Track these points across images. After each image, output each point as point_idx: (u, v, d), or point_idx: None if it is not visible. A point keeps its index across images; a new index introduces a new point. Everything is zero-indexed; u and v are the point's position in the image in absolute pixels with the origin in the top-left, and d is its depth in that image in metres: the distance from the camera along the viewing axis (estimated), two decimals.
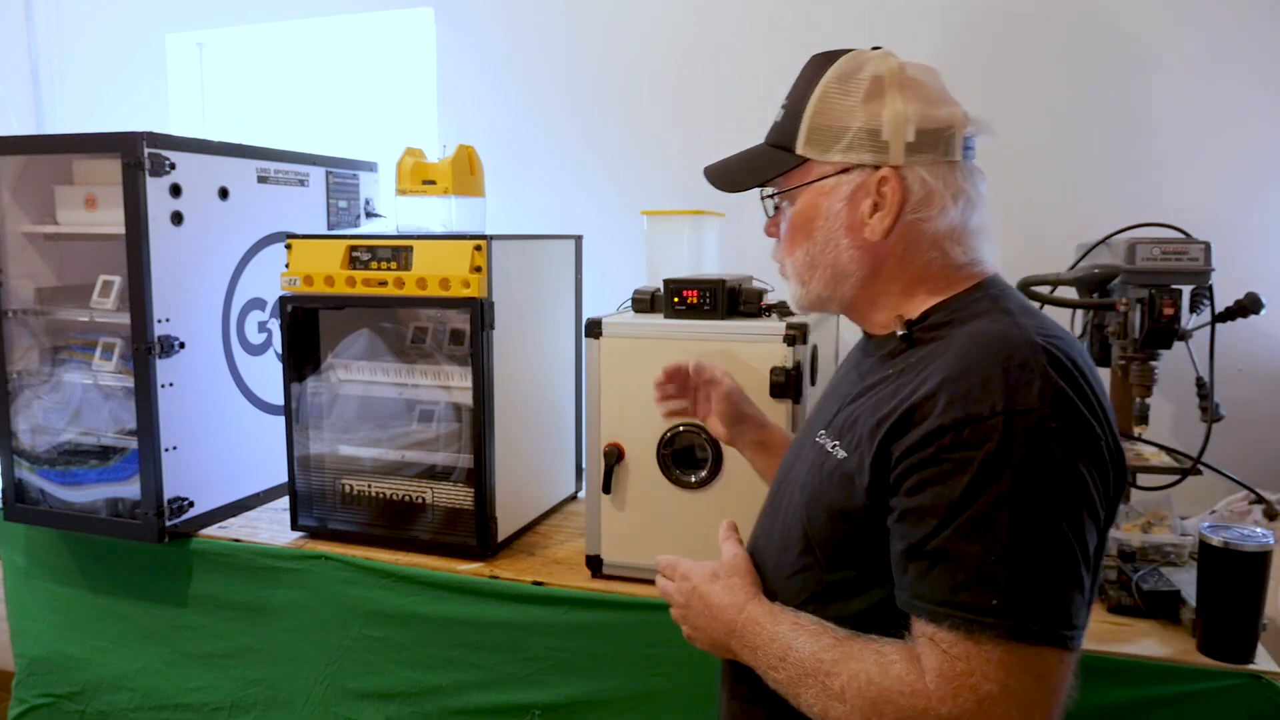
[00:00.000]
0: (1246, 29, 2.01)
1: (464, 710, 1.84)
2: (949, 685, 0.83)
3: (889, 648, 0.89)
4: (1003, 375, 0.85)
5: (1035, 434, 0.82)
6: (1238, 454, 1.84)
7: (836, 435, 1.00)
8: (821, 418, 1.09)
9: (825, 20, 2.25)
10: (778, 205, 1.08)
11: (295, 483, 2.02)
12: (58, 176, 2.18)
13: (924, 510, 0.86)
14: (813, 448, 1.04)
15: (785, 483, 1.11)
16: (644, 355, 1.70)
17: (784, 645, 0.95)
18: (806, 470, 1.04)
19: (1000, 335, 0.89)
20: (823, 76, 1.01)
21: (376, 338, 2.08)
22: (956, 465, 0.84)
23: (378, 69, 2.86)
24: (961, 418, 0.84)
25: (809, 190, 1.03)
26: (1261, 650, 1.42)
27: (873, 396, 0.98)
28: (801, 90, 1.04)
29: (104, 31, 3.02)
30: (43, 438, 2.19)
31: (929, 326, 0.98)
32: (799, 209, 1.04)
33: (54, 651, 2.24)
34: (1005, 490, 0.82)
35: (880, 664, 0.88)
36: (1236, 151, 2.04)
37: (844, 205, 1.00)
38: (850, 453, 0.96)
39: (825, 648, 0.92)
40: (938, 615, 0.84)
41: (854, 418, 0.98)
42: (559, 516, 2.19)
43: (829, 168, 1.01)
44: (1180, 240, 1.62)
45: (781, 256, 1.09)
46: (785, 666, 0.94)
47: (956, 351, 0.90)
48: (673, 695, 1.70)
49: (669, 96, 2.43)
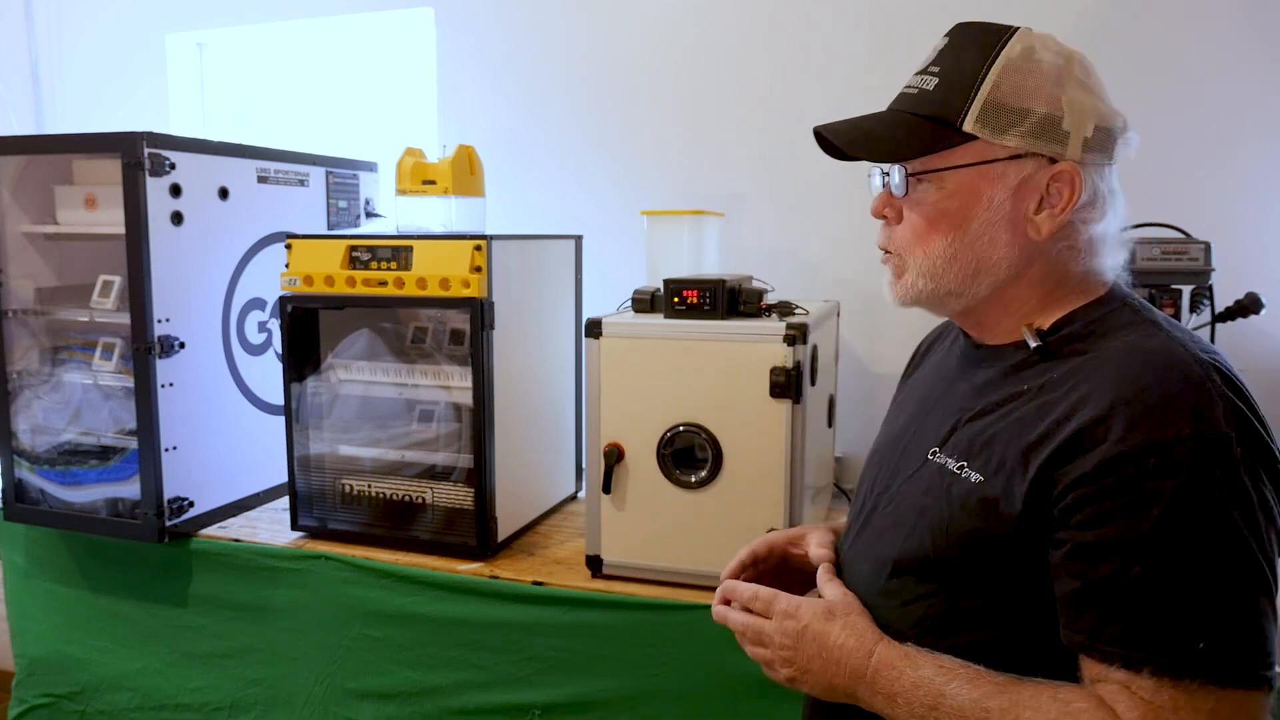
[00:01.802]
0: (1246, 29, 2.01)
1: (464, 710, 1.84)
2: None
3: (1069, 694, 0.80)
4: (1182, 397, 0.79)
5: (1225, 460, 0.77)
6: None
7: (964, 456, 0.91)
8: (929, 432, 0.99)
9: (825, 20, 2.25)
10: (909, 185, 0.94)
11: (295, 483, 2.02)
12: (58, 176, 2.18)
13: (1108, 545, 0.78)
14: (928, 467, 0.96)
15: (888, 501, 1.00)
16: (644, 355, 1.70)
17: (933, 692, 0.84)
18: (922, 492, 0.95)
19: (1165, 352, 0.83)
20: (1000, 49, 0.90)
21: (376, 338, 2.08)
22: (1144, 496, 0.77)
23: (378, 69, 2.86)
24: (1145, 444, 0.77)
25: (973, 173, 0.90)
26: None
27: (1009, 415, 0.89)
28: (969, 60, 0.91)
29: (104, 31, 3.02)
30: (43, 438, 2.19)
31: (1066, 338, 0.91)
32: (952, 192, 0.91)
33: (54, 651, 2.24)
34: (1202, 523, 0.76)
35: (1066, 712, 0.78)
36: (1236, 151, 2.04)
37: (1010, 196, 0.90)
38: (989, 477, 0.87)
39: (987, 694, 0.82)
40: (1134, 661, 0.77)
41: (987, 438, 0.90)
42: (559, 516, 2.19)
43: (1000, 151, 0.89)
44: (1180, 240, 1.62)
45: (907, 244, 0.95)
46: (938, 716, 0.83)
47: (1120, 369, 0.83)
48: (673, 695, 1.70)
49: (669, 96, 2.43)
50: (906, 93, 0.96)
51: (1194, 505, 0.76)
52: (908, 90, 0.96)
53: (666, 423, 1.69)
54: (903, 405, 1.12)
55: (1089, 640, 0.80)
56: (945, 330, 1.16)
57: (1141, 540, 0.77)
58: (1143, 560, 0.77)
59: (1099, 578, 0.79)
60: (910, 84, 0.96)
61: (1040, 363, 0.91)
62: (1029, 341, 0.91)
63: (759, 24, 2.33)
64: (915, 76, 0.96)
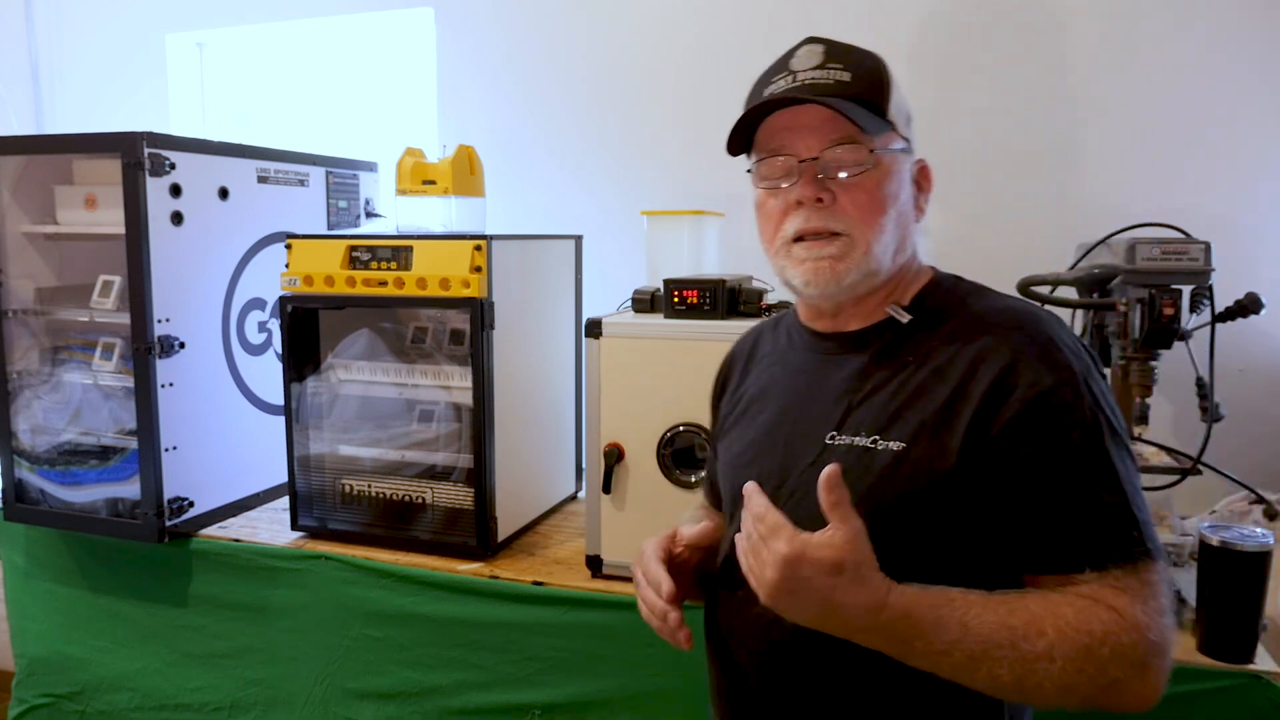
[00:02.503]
0: (1246, 28, 2.01)
1: (464, 710, 1.84)
2: (1142, 610, 0.87)
3: (1059, 595, 0.88)
4: (1057, 340, 0.94)
5: (1099, 379, 0.94)
6: (1238, 454, 1.84)
7: (873, 430, 0.97)
8: (816, 421, 1.02)
9: (826, 20, 2.25)
10: (865, 167, 0.98)
11: (295, 483, 2.02)
12: (58, 176, 2.18)
13: (1045, 474, 0.90)
14: (833, 450, 0.99)
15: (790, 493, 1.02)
16: (644, 355, 1.70)
17: (956, 627, 0.86)
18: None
19: (1024, 308, 0.98)
20: (879, 58, 1.02)
21: (376, 338, 2.08)
22: (1064, 425, 0.90)
23: (378, 69, 2.86)
24: (1053, 383, 0.91)
25: (898, 156, 1.01)
26: (1261, 650, 1.42)
27: (905, 385, 0.97)
28: (869, 61, 1.01)
29: (104, 31, 3.02)
30: (43, 438, 2.19)
31: (930, 310, 1.02)
32: (887, 172, 0.99)
33: (54, 651, 2.24)
34: (1107, 433, 0.91)
35: (1074, 608, 0.87)
36: (1236, 151, 2.04)
37: (908, 180, 1.03)
38: (911, 442, 0.94)
39: (1006, 614, 0.86)
40: (1103, 561, 0.88)
41: (894, 409, 0.96)
42: (559, 516, 2.19)
43: (901, 141, 1.02)
44: (1180, 240, 1.61)
45: (856, 221, 0.98)
46: (963, 646, 0.85)
47: (1000, 327, 0.96)
48: (673, 695, 1.70)
49: (669, 96, 2.42)
50: (816, 83, 0.98)
51: (1097, 421, 0.91)
52: (816, 81, 0.98)
53: (666, 423, 1.69)
54: (756, 410, 1.12)
55: (1051, 560, 0.90)
56: (758, 339, 1.21)
57: (1072, 460, 0.90)
58: (1078, 476, 0.90)
59: (1045, 503, 0.90)
60: (812, 78, 0.99)
61: (911, 337, 1.00)
62: (899, 317, 1.01)
63: (759, 24, 2.33)
64: (812, 72, 0.99)
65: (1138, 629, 0.86)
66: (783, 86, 1.00)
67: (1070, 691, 0.85)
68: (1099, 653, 0.85)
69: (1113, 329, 1.65)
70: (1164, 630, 0.87)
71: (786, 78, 1.00)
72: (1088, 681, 0.85)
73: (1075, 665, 0.85)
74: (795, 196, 0.99)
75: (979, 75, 2.16)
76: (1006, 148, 2.19)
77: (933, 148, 1.14)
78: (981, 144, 2.19)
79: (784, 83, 1.00)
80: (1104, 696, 0.86)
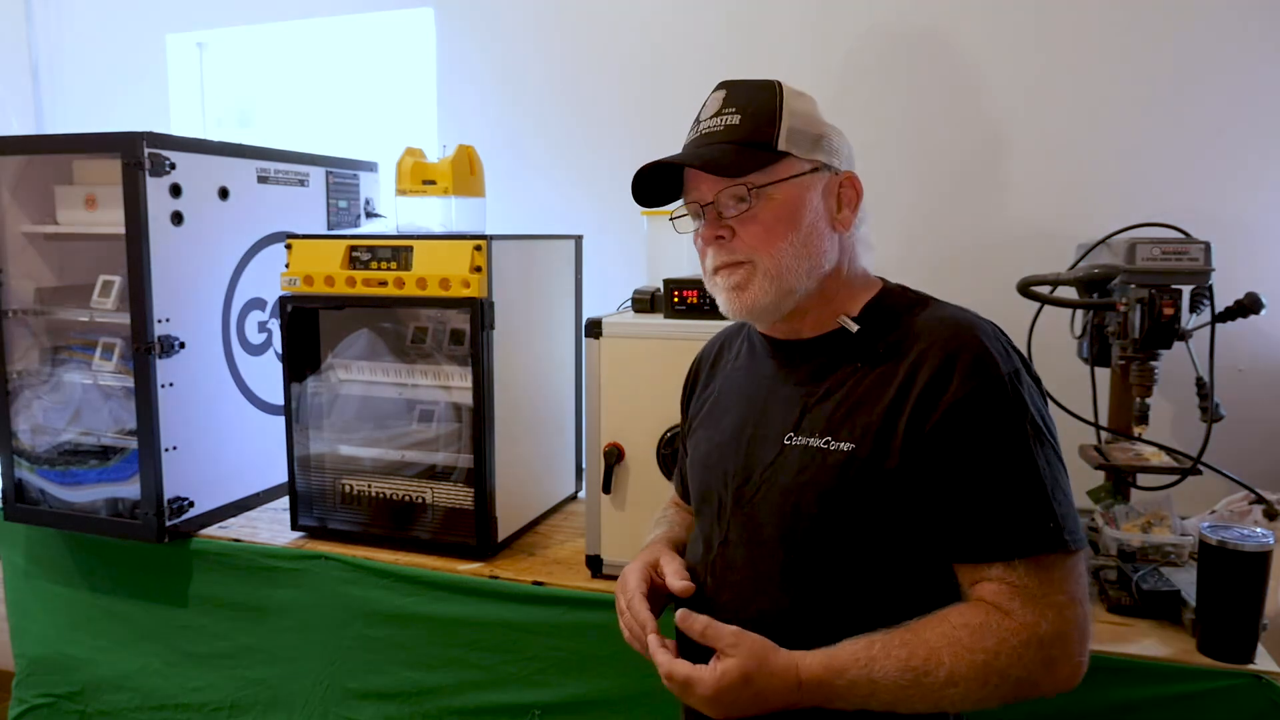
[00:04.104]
0: (1247, 29, 2.01)
1: (464, 710, 1.84)
2: (1034, 609, 0.96)
3: (957, 614, 0.98)
4: (990, 348, 1.02)
5: (1026, 384, 1.03)
6: (1238, 454, 1.85)
7: (826, 432, 1.06)
8: (775, 423, 1.11)
9: (826, 20, 2.25)
10: (749, 202, 1.08)
11: (295, 483, 2.02)
12: (58, 176, 2.18)
13: (970, 471, 0.99)
14: (791, 450, 1.08)
15: (753, 491, 1.10)
16: (644, 355, 1.70)
17: (865, 684, 0.97)
18: (795, 471, 1.07)
19: (963, 318, 1.07)
20: (780, 91, 1.11)
21: (376, 338, 2.08)
22: (989, 426, 0.99)
23: (378, 69, 2.86)
24: (979, 386, 0.99)
25: (795, 184, 1.09)
26: (1261, 650, 1.42)
27: (854, 390, 1.06)
28: (762, 100, 1.10)
29: (104, 31, 3.02)
30: (43, 438, 2.19)
31: (877, 319, 1.10)
32: (784, 201, 1.08)
33: (54, 651, 2.24)
34: (1030, 433, 1.00)
35: (969, 629, 0.96)
36: (1236, 151, 2.04)
37: (821, 199, 1.10)
38: (859, 443, 1.03)
39: (905, 657, 0.96)
40: (1012, 554, 0.97)
41: (844, 412, 1.06)
42: (559, 516, 2.19)
43: (807, 165, 1.09)
44: (1180, 240, 1.62)
45: (754, 248, 1.08)
46: (878, 698, 0.97)
47: (938, 335, 1.04)
48: (672, 695, 1.69)
49: (669, 96, 2.42)
50: (711, 131, 1.11)
51: (1021, 422, 1.00)
52: (711, 129, 1.11)
53: (666, 423, 1.69)
54: (720, 412, 1.22)
55: (967, 549, 1.00)
56: (723, 345, 1.31)
57: (992, 459, 0.99)
58: (999, 472, 0.99)
59: (965, 497, 0.99)
60: (709, 126, 1.12)
61: (862, 343, 1.09)
62: (849, 327, 1.10)
63: (759, 24, 2.33)
64: (710, 120, 1.12)
65: (1027, 628, 0.95)
66: (689, 138, 1.15)
67: (984, 701, 0.97)
68: (997, 664, 0.95)
69: (1113, 329, 1.65)
70: (1066, 619, 0.96)
71: (694, 128, 1.15)
72: (994, 690, 0.96)
73: (979, 681, 0.95)
74: (704, 235, 1.13)
75: (980, 75, 2.16)
76: (1008, 148, 2.18)
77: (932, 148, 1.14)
78: (985, 146, 2.19)
79: (691, 134, 1.15)
80: (1021, 692, 0.97)
